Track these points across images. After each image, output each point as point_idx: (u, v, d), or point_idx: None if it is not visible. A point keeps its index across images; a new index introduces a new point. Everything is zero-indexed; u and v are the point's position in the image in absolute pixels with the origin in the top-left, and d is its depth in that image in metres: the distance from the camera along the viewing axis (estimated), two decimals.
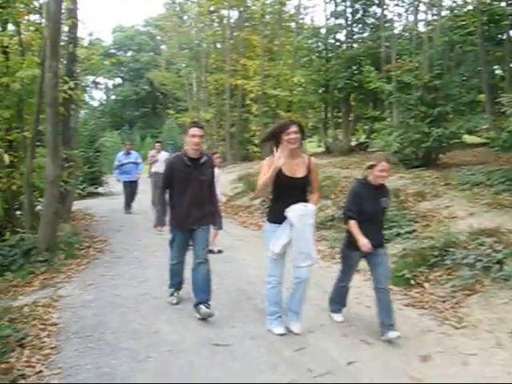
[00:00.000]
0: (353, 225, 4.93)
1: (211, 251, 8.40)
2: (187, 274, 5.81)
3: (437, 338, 4.78)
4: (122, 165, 13.66)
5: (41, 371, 4.14)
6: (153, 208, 13.48)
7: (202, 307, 5.30)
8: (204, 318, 5.28)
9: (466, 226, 7.03)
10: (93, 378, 4.05)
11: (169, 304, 5.84)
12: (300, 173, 4.79)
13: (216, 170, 9.14)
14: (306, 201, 4.81)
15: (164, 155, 13.49)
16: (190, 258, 5.72)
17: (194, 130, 5.41)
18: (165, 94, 45.57)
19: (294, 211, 4.62)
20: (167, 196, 5.69)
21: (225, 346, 4.61)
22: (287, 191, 4.75)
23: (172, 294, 5.98)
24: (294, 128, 4.66)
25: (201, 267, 5.46)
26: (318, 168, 5.24)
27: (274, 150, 4.71)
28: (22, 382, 3.93)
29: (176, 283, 6.01)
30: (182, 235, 5.64)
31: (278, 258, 4.85)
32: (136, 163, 13.83)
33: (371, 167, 4.92)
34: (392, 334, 4.66)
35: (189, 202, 5.45)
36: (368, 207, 4.91)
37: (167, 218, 5.78)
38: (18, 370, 4.11)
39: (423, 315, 5.43)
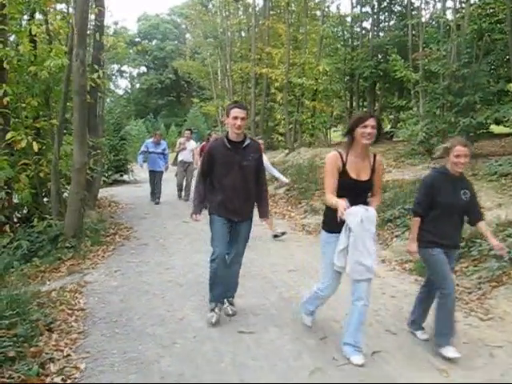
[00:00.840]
0: (414, 223, 4.38)
1: (276, 236, 8.57)
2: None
3: (463, 329, 4.73)
4: (149, 153, 13.47)
5: (69, 355, 4.21)
6: (179, 196, 13.49)
7: (227, 304, 5.21)
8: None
9: (493, 217, 6.94)
10: (120, 362, 4.10)
11: (208, 323, 4.92)
12: (365, 174, 4.13)
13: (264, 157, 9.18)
14: (366, 204, 4.14)
15: (192, 144, 13.52)
16: None
17: (236, 111, 4.77)
18: (189, 82, 45.69)
19: (353, 215, 3.95)
20: (203, 185, 5.11)
21: (249, 334, 4.64)
22: (348, 195, 4.00)
23: (212, 310, 5.01)
24: (371, 122, 3.98)
25: (236, 266, 5.16)
26: (383, 167, 4.52)
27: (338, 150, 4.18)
28: (51, 365, 3.99)
29: (218, 294, 5.06)
30: (223, 221, 4.94)
31: (339, 271, 4.19)
32: (163, 154, 13.59)
33: (447, 152, 4.29)
34: (451, 353, 4.12)
35: (231, 190, 4.87)
36: (443, 200, 4.21)
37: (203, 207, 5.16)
38: (47, 353, 4.17)
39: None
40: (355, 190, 4.11)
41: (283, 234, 8.78)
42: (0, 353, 3.85)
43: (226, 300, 5.21)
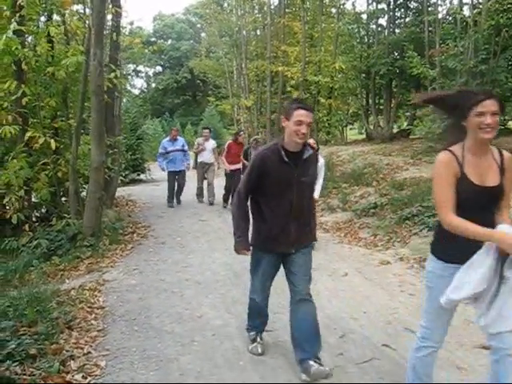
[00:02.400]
0: None
1: None
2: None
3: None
4: (168, 152, 12.51)
5: (89, 352, 4.25)
6: (198, 201, 13.20)
7: (312, 364, 3.73)
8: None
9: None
10: (139, 360, 4.13)
11: (251, 353, 4.24)
12: (492, 179, 2.86)
13: (321, 160, 8.06)
14: (493, 222, 2.83)
15: (212, 143, 12.82)
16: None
17: (302, 114, 3.55)
18: (205, 81, 45.75)
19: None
20: (245, 207, 3.96)
21: (268, 332, 4.62)
22: (471, 208, 2.80)
23: (254, 340, 4.33)
24: (492, 106, 2.71)
25: (305, 307, 3.89)
26: None
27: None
28: (72, 362, 4.03)
29: (259, 324, 4.38)
30: (271, 259, 3.95)
31: (445, 310, 3.02)
32: (183, 151, 12.69)
33: None
34: None
35: (286, 214, 3.76)
36: None
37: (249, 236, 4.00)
38: (67, 351, 4.20)
39: (468, 304, 5.32)
40: (480, 203, 2.85)
41: None
42: (21, 350, 3.89)
43: (310, 361, 3.76)
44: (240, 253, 3.98)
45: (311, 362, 3.73)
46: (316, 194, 7.44)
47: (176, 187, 12.81)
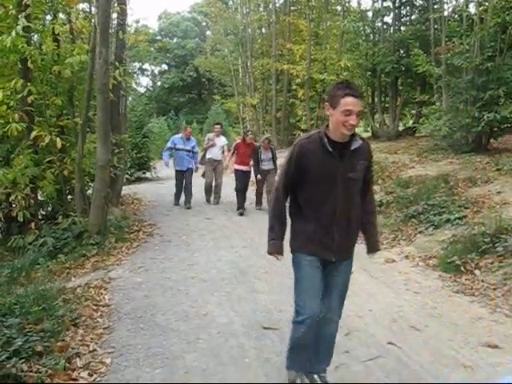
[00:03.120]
0: None
1: None
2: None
3: (488, 325, 4.69)
4: (176, 150, 12.10)
5: (95, 350, 4.26)
6: (207, 201, 12.86)
7: (316, 378, 3.56)
8: None
9: None
10: (144, 357, 4.13)
11: None
12: None
13: None
14: None
15: (223, 140, 12.51)
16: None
17: (351, 102, 3.04)
18: (210, 79, 45.79)
19: None
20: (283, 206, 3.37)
21: (274, 330, 4.63)
22: None
23: (293, 381, 3.61)
24: None
25: (329, 328, 3.51)
26: None
27: None
28: (77, 360, 4.04)
29: (302, 361, 3.58)
30: (314, 262, 3.28)
31: None
32: (193, 152, 12.15)
33: None
34: None
35: (329, 215, 3.19)
36: None
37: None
38: (73, 348, 4.22)
39: (473, 302, 5.34)
40: None
41: None
42: (28, 347, 3.91)
43: (316, 376, 3.57)
44: (271, 254, 3.42)
45: (315, 376, 3.55)
46: None
47: (184, 186, 12.36)
